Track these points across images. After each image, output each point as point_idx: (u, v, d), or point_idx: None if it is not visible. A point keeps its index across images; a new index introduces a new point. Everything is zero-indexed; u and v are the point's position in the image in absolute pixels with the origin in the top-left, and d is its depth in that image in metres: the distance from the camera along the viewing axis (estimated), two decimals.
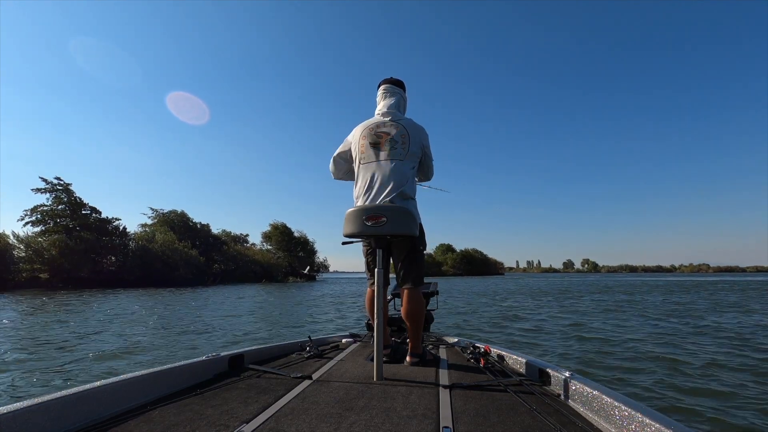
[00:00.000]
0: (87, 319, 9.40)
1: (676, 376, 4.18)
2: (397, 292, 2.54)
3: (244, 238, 59.48)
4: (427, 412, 1.42)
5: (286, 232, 58.15)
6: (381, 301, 1.89)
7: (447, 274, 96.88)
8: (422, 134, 2.27)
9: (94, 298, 17.47)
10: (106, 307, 12.49)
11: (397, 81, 2.42)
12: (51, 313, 10.69)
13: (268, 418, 1.34)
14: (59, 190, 34.78)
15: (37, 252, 30.52)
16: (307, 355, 2.33)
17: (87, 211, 36.10)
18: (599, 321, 8.82)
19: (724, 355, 5.11)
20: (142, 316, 9.87)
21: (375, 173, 2.17)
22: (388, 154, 2.17)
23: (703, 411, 3.16)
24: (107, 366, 4.70)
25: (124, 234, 37.91)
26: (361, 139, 2.25)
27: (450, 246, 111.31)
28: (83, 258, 31.91)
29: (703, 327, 7.77)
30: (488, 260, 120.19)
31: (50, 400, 1.21)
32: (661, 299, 15.30)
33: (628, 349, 5.53)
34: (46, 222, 33.64)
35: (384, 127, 2.23)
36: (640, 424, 1.15)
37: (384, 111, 2.31)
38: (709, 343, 5.98)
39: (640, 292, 20.30)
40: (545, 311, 11.10)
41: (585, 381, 1.52)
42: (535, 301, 15.21)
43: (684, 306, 12.32)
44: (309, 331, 7.75)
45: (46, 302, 14.83)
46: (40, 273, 30.75)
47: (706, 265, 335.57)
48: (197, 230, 46.90)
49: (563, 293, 20.12)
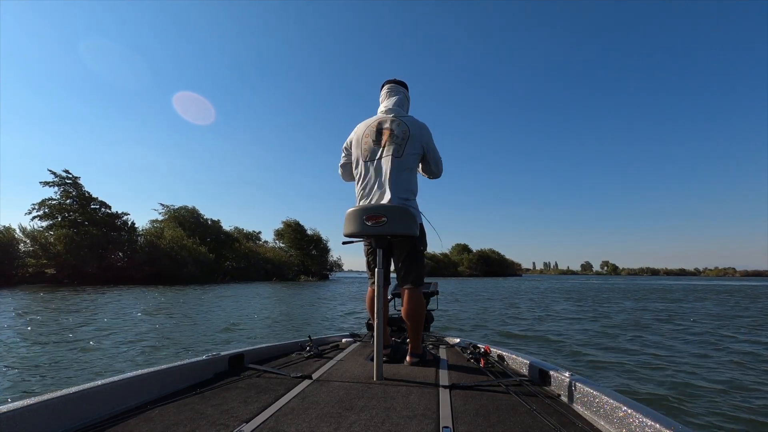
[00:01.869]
0: (59, 332, 7.89)
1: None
2: (398, 292, 2.56)
3: (257, 236, 58.48)
4: (427, 412, 1.41)
5: (299, 230, 56.88)
6: (381, 301, 1.90)
7: (463, 274, 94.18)
8: (424, 131, 2.24)
9: (89, 297, 16.17)
10: (99, 311, 11.06)
11: (400, 81, 2.43)
12: (23, 318, 9.27)
13: (268, 418, 1.33)
14: (68, 183, 34.03)
15: (43, 247, 29.77)
16: (307, 355, 2.32)
17: (96, 206, 35.28)
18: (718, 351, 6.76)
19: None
20: (125, 327, 8.31)
21: (376, 171, 2.17)
22: (390, 151, 2.15)
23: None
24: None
25: (133, 229, 37.00)
26: (363, 137, 2.24)
27: (466, 246, 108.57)
28: (90, 253, 31.03)
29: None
30: (505, 261, 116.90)
31: (50, 400, 1.21)
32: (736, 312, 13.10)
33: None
34: (53, 216, 32.90)
35: (386, 124, 2.22)
36: (640, 424, 1.14)
37: (387, 108, 2.31)
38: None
39: (688, 300, 18.02)
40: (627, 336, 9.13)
41: (585, 381, 1.50)
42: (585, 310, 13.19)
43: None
44: (323, 329, 7.62)
45: (39, 300, 13.61)
46: (47, 268, 30.03)
47: (732, 269, 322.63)
48: (208, 227, 45.87)
49: (596, 297, 17.98)
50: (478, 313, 11.14)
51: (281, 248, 55.83)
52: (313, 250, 57.33)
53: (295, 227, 56.90)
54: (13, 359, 4.89)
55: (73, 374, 4.24)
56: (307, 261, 55.14)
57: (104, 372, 4.34)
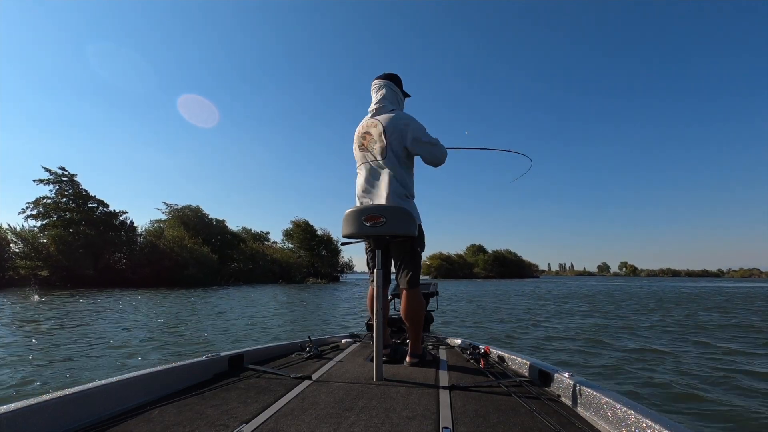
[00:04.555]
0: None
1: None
2: (398, 293, 2.51)
3: (265, 236, 56.62)
4: (426, 412, 1.42)
5: (309, 230, 54.92)
6: (380, 301, 1.90)
7: (479, 276, 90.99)
8: (400, 126, 2.18)
9: (61, 300, 13.97)
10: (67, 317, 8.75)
11: (386, 75, 2.37)
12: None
13: (267, 418, 1.34)
14: (63, 181, 32.41)
15: (35, 248, 28.05)
16: (307, 356, 2.33)
17: (93, 204, 33.59)
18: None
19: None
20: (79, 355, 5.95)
21: (367, 176, 2.21)
22: (373, 155, 2.18)
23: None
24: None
25: (132, 229, 35.19)
26: (354, 142, 2.30)
27: (481, 247, 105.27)
28: (84, 254, 29.23)
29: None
30: (522, 262, 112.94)
31: (50, 400, 1.21)
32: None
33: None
34: (48, 215, 31.26)
35: (367, 128, 2.24)
36: (639, 425, 1.14)
37: (372, 108, 2.30)
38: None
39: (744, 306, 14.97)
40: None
41: (585, 382, 1.50)
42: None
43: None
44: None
45: (8, 306, 11.49)
46: (40, 270, 28.33)
47: (758, 270, 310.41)
48: (213, 226, 43.97)
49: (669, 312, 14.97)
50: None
51: (290, 249, 53.94)
52: (323, 251, 55.31)
53: (304, 227, 54.97)
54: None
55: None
56: (317, 262, 53.07)
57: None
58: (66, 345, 5.89)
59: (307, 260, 51.91)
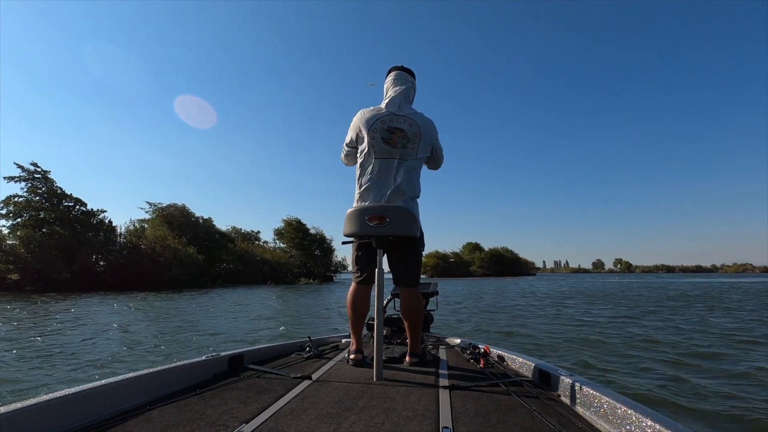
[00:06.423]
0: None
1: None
2: (397, 293, 2.52)
3: (256, 236, 54.71)
4: (426, 412, 1.41)
5: (301, 229, 53.13)
6: (380, 301, 1.89)
7: (475, 274, 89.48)
8: (433, 130, 2.22)
9: (21, 306, 12.20)
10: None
11: (407, 69, 2.31)
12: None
13: (267, 418, 1.33)
14: (36, 178, 30.45)
15: (3, 250, 26.12)
16: (307, 356, 2.32)
17: (70, 203, 31.67)
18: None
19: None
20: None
21: (385, 171, 2.12)
22: (400, 152, 2.11)
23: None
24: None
25: (111, 229, 33.28)
26: (371, 131, 2.15)
27: (478, 245, 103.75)
28: (58, 256, 27.35)
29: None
30: (519, 260, 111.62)
31: (50, 400, 1.20)
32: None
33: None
34: (20, 215, 29.31)
35: (397, 122, 2.15)
36: (639, 424, 1.14)
37: (392, 101, 2.21)
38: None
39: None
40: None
41: (585, 382, 1.49)
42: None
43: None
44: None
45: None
46: (9, 274, 26.41)
47: (750, 265, 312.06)
48: (199, 226, 42.07)
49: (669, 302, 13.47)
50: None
51: (281, 248, 52.10)
52: (317, 251, 53.55)
53: (296, 226, 53.13)
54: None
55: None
56: (310, 262, 51.33)
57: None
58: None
59: (300, 260, 50.19)
